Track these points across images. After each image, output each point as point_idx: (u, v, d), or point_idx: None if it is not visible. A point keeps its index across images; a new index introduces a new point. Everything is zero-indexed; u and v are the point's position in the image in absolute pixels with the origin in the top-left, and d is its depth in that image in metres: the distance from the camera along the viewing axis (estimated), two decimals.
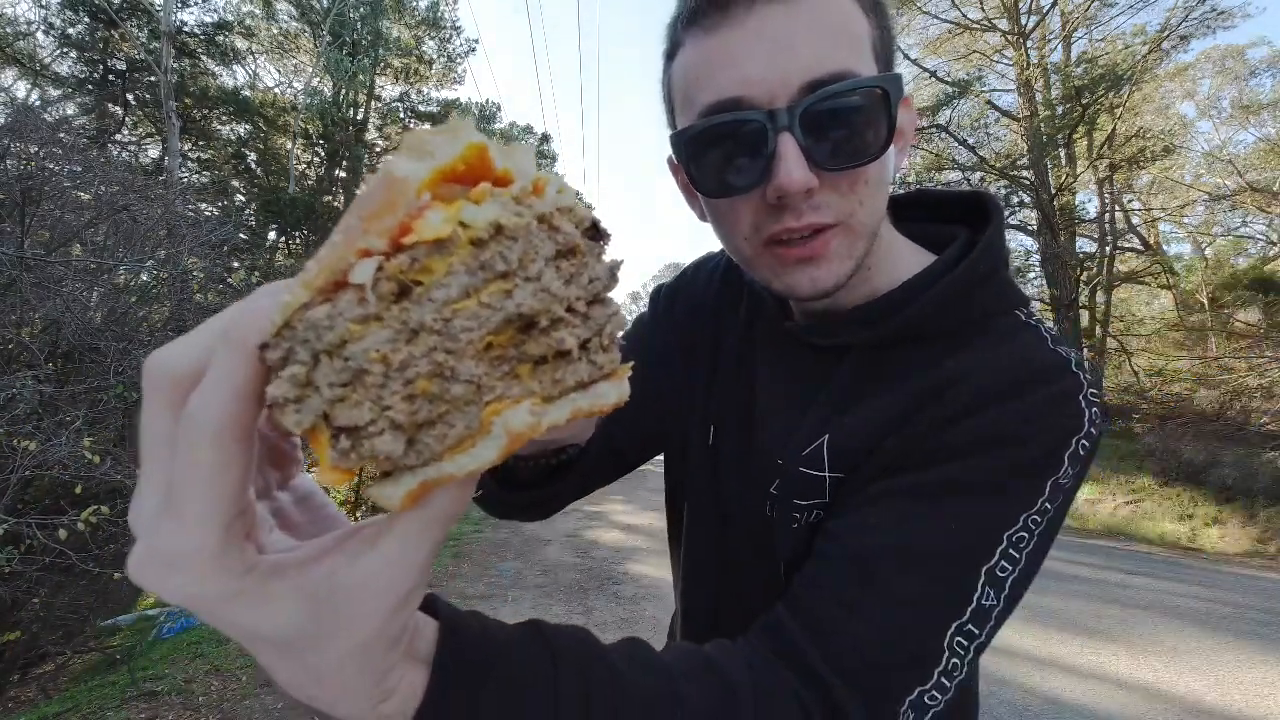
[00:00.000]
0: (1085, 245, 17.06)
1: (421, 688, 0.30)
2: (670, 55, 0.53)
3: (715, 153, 0.49)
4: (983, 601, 0.46)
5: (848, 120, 0.46)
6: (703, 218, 0.59)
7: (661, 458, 0.80)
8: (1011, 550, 0.47)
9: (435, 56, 17.62)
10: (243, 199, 13.46)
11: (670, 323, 0.75)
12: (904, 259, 0.59)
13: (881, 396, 0.54)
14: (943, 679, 0.45)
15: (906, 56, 17.36)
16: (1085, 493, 11.50)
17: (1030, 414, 0.48)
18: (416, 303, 0.21)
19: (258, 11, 15.11)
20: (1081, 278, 15.61)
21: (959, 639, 0.46)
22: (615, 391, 0.25)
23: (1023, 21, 15.78)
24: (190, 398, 0.22)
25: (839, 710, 0.43)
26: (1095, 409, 0.50)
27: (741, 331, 0.69)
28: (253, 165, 14.58)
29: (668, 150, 0.56)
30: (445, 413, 0.22)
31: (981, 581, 0.46)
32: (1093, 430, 0.49)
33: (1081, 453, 0.48)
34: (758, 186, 0.48)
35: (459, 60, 18.07)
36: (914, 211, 0.66)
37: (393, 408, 0.21)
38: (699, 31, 0.48)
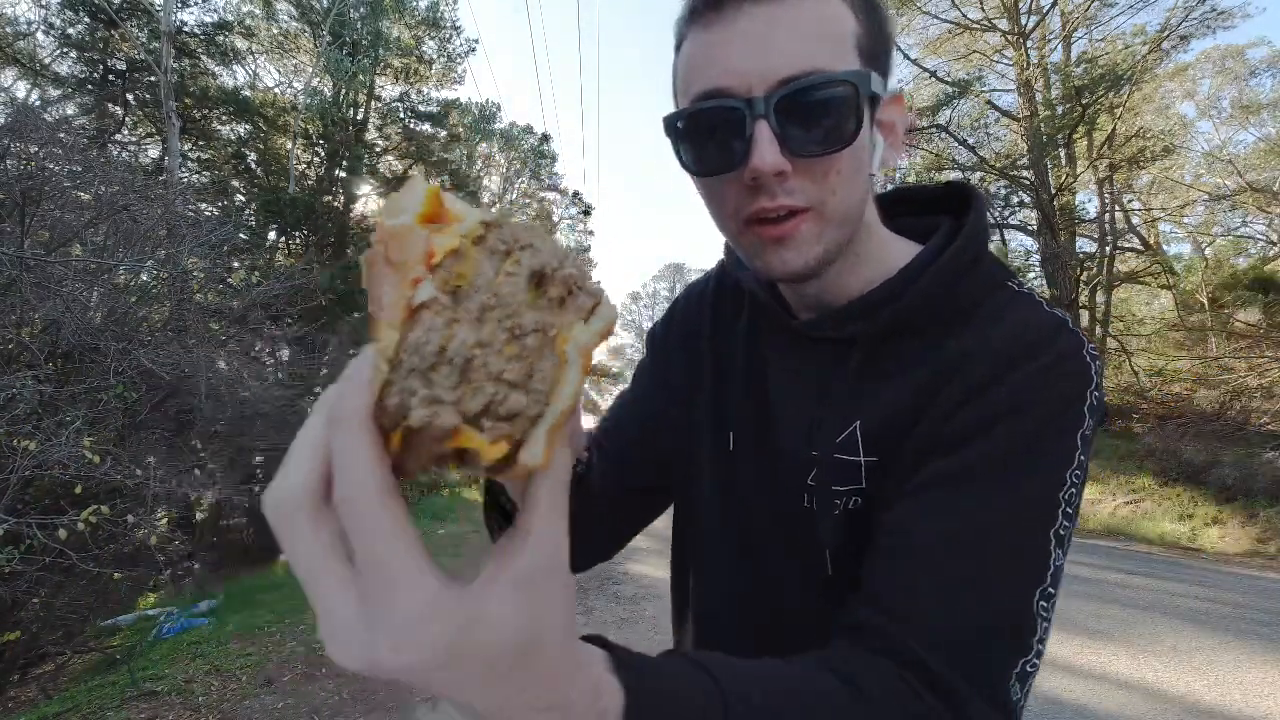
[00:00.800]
0: (1085, 245, 17.06)
1: (618, 686, 0.32)
2: (677, 49, 0.57)
3: (700, 136, 0.53)
4: (1055, 562, 0.48)
5: (818, 111, 0.50)
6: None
7: None
8: (1068, 508, 0.49)
9: (435, 56, 17.61)
10: (243, 199, 13.44)
11: (666, 353, 0.77)
12: (894, 251, 0.62)
13: (895, 380, 0.57)
14: (1038, 646, 0.48)
15: (906, 56, 17.34)
16: (1085, 492, 11.48)
17: (1044, 376, 0.51)
18: (469, 296, 0.27)
19: (258, 11, 15.09)
20: (1081, 278, 15.61)
21: (1042, 604, 0.48)
22: (609, 309, 0.30)
23: (1023, 21, 15.77)
24: (335, 493, 0.24)
25: (953, 698, 0.43)
26: (1098, 361, 0.52)
27: (744, 338, 0.71)
28: (253, 165, 14.56)
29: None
30: (534, 361, 0.27)
31: (1052, 544, 0.48)
32: (1099, 380, 0.51)
33: (1095, 403, 0.51)
34: (737, 169, 0.52)
35: (459, 60, 18.06)
36: (901, 208, 0.69)
37: (504, 373, 0.26)
38: (697, 28, 0.53)
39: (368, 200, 17.04)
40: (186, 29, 12.82)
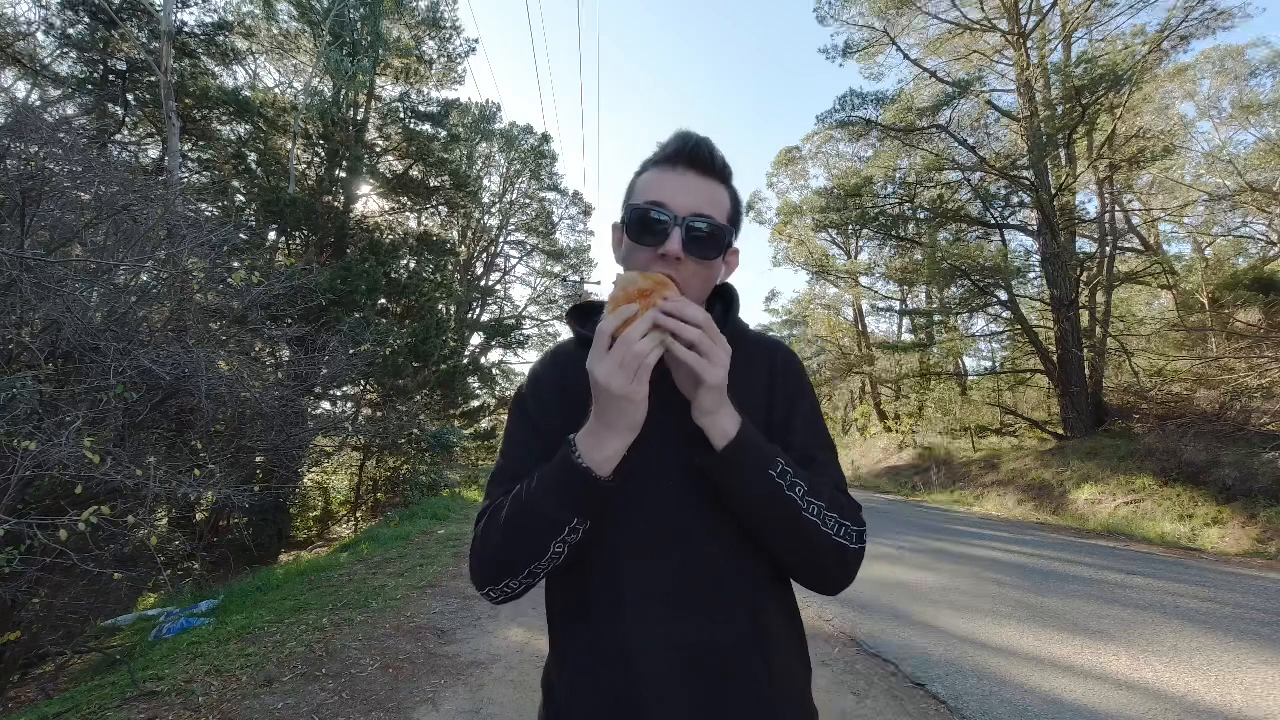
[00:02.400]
0: (1085, 245, 17.06)
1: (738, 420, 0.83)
2: (639, 173, 0.98)
3: (644, 223, 0.92)
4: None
5: (704, 235, 0.91)
6: (620, 261, 1.00)
7: None
8: None
9: (435, 56, 17.62)
10: (243, 199, 13.42)
11: (539, 406, 1.01)
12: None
13: (734, 374, 0.94)
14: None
15: (906, 56, 17.34)
16: (1085, 492, 11.49)
17: (797, 358, 1.04)
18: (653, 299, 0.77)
19: (258, 11, 15.10)
20: (1081, 278, 15.60)
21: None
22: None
23: (1023, 21, 15.78)
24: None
25: (849, 499, 0.92)
26: None
27: None
28: (253, 165, 14.55)
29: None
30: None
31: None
32: None
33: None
34: (659, 247, 0.91)
35: (459, 60, 18.07)
36: None
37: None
38: (657, 168, 0.95)
39: (367, 200, 17.02)
40: (186, 29, 12.82)
